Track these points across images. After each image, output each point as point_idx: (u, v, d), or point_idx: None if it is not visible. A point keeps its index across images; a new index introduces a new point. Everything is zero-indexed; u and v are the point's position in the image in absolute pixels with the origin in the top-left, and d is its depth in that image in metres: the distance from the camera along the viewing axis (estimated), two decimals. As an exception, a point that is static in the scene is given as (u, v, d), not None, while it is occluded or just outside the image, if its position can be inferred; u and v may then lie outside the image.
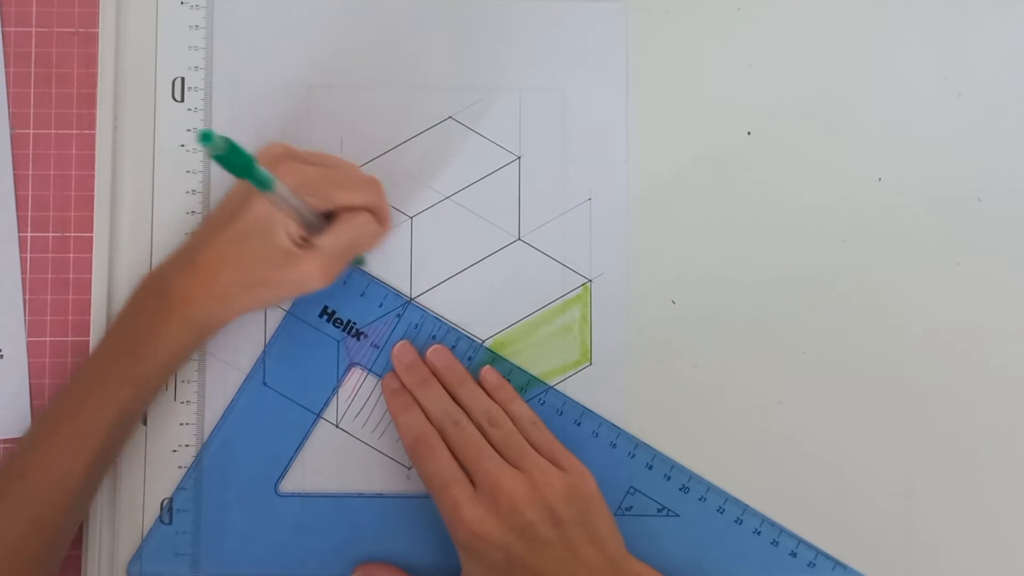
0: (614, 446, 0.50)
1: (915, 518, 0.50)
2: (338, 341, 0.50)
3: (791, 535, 0.49)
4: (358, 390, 0.50)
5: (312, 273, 0.44)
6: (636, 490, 0.50)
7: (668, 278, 0.51)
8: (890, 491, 0.50)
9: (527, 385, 0.50)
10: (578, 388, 0.50)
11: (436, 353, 0.49)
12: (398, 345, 0.49)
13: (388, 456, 0.50)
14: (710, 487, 0.50)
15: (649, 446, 0.50)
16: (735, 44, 0.52)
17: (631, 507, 0.50)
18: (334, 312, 0.50)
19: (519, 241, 0.51)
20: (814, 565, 0.49)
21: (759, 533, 0.49)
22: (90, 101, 0.50)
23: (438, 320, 0.50)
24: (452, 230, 0.51)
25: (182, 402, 0.49)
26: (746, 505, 0.49)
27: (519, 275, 0.51)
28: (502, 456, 0.46)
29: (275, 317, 0.50)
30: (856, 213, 0.51)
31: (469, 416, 0.47)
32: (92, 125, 0.50)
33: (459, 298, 0.50)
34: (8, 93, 0.50)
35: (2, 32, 0.50)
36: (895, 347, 0.51)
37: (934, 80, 0.52)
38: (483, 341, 0.50)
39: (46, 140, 0.50)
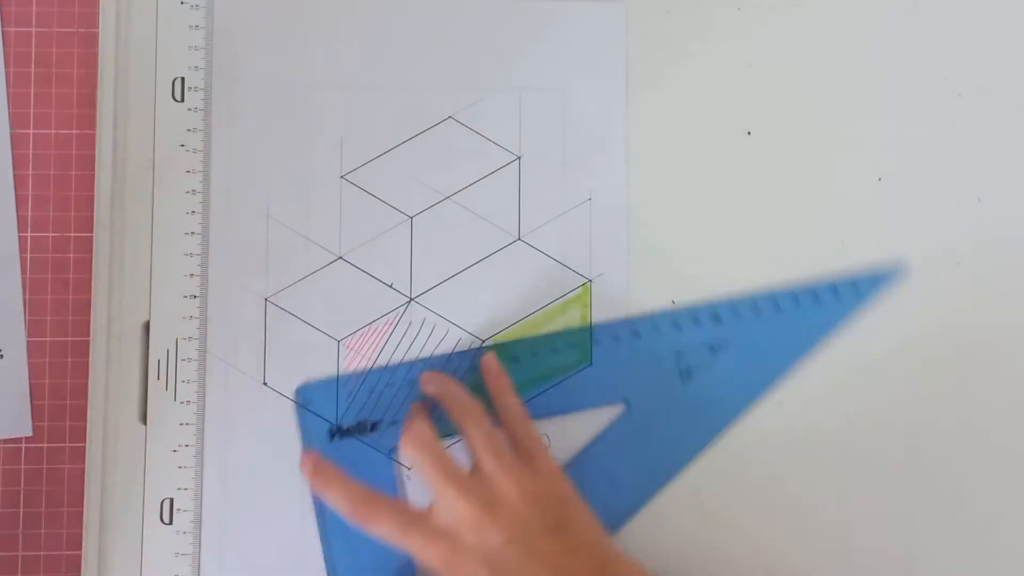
0: (614, 446, 0.50)
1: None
2: (338, 341, 0.50)
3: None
4: (358, 390, 0.50)
5: None
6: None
7: (668, 278, 0.51)
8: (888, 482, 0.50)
9: (527, 385, 0.50)
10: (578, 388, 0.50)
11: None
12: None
13: (388, 456, 0.50)
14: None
15: (649, 446, 0.50)
16: (735, 44, 0.52)
17: (631, 507, 0.50)
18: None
19: (519, 241, 0.51)
20: None
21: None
22: (90, 101, 0.50)
23: (438, 320, 0.50)
24: (452, 230, 0.51)
25: (182, 402, 0.49)
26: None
27: (519, 275, 0.51)
28: (476, 460, 0.44)
29: (275, 317, 0.50)
30: (856, 213, 0.51)
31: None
32: (92, 125, 0.50)
33: (459, 298, 0.50)
34: (8, 93, 0.50)
35: (2, 32, 0.50)
36: (894, 346, 0.51)
37: (934, 80, 0.52)
38: (483, 341, 0.50)
39: (46, 140, 0.50)
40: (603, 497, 0.47)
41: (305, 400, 0.49)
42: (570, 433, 0.50)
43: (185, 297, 0.50)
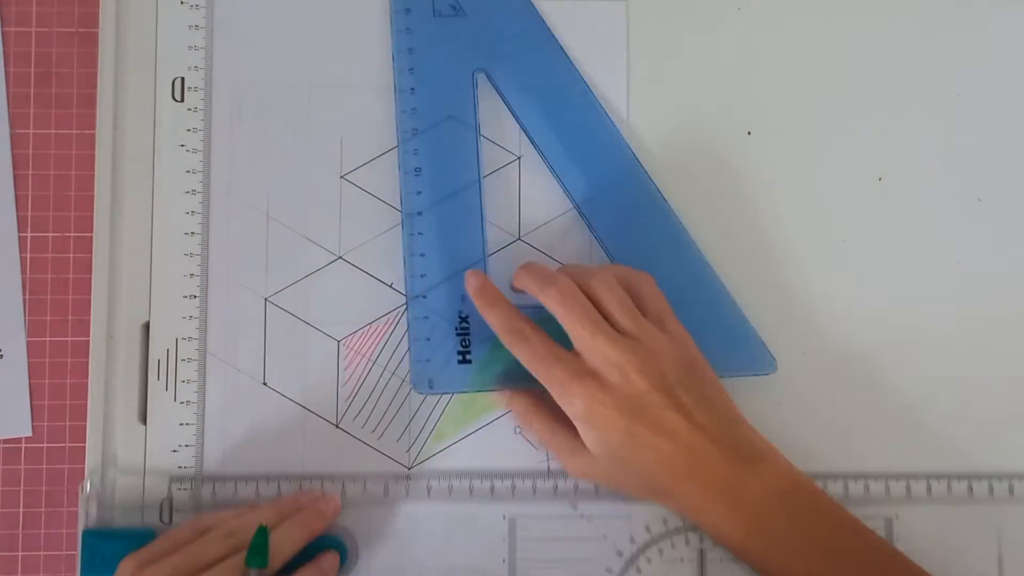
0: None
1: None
2: (338, 341, 0.50)
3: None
4: (358, 390, 0.50)
5: None
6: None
7: (680, 272, 0.51)
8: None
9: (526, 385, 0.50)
10: (578, 388, 0.50)
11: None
12: (469, 273, 0.48)
13: (388, 456, 0.50)
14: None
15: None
16: (735, 44, 0.52)
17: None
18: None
19: (519, 241, 0.51)
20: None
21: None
22: (90, 101, 0.50)
23: (438, 320, 0.50)
24: (452, 230, 0.51)
25: (182, 402, 0.49)
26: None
27: (519, 275, 0.51)
28: (615, 321, 0.45)
29: (275, 317, 0.50)
30: (856, 213, 0.51)
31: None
32: (92, 125, 0.50)
33: (459, 298, 0.50)
34: (8, 93, 0.50)
35: (2, 32, 0.50)
36: (895, 348, 0.51)
37: (934, 80, 0.52)
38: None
39: (46, 140, 0.50)
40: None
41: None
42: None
43: (185, 297, 0.50)
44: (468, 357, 0.49)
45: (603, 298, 0.46)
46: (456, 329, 0.49)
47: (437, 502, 0.49)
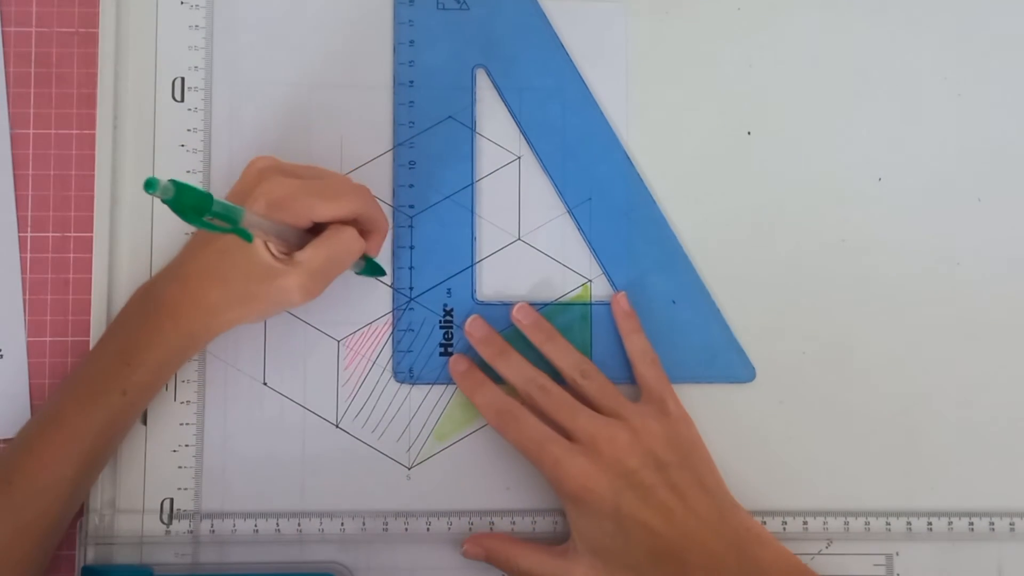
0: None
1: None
2: (338, 341, 0.50)
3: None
4: (358, 390, 0.50)
5: (291, 287, 0.43)
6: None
7: (668, 278, 0.51)
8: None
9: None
10: (578, 388, 0.50)
11: (522, 311, 0.49)
12: (469, 320, 0.49)
13: (388, 456, 0.50)
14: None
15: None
16: (735, 44, 0.52)
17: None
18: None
19: (519, 241, 0.51)
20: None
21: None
22: (90, 101, 0.50)
23: (438, 320, 0.50)
24: (452, 230, 0.51)
25: (182, 402, 0.49)
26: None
27: (519, 275, 0.51)
28: (598, 408, 0.46)
29: (275, 317, 0.50)
30: (856, 213, 0.51)
31: (561, 372, 0.48)
32: (92, 125, 0.50)
33: (444, 291, 0.50)
34: (8, 93, 0.50)
35: (2, 32, 0.50)
36: (895, 346, 0.51)
37: (934, 80, 0.52)
38: (483, 341, 0.50)
39: (46, 140, 0.50)
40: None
41: None
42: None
43: (185, 297, 0.50)
44: (451, 350, 0.50)
45: (583, 385, 0.47)
46: (440, 322, 0.50)
47: (435, 539, 0.49)
